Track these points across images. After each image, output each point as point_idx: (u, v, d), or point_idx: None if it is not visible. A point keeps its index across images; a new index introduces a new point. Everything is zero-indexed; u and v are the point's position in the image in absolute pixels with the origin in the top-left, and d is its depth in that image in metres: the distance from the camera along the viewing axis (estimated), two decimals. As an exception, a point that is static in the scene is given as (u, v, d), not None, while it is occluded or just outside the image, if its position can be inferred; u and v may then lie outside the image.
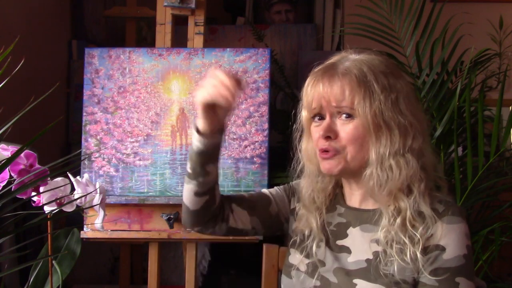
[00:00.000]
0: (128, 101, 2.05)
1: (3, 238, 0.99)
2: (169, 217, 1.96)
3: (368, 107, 1.14)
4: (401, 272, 1.12)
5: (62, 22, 2.80)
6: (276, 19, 2.90)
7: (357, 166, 1.18)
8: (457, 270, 1.11)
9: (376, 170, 1.16)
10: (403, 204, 1.15)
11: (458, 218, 1.14)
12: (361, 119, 1.15)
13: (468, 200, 1.95)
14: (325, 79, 1.17)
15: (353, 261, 1.18)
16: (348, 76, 1.16)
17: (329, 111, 1.18)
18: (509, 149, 2.13)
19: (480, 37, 2.55)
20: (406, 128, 1.17)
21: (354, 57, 1.21)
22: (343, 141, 1.17)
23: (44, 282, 1.40)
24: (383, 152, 1.15)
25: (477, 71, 2.09)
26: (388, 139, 1.16)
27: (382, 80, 1.17)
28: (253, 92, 2.03)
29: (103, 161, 2.02)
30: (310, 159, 1.26)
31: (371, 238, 1.18)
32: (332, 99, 1.16)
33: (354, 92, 1.15)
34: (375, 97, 1.15)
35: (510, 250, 2.20)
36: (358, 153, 1.17)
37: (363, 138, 1.16)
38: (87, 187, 1.29)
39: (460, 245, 1.12)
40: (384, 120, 1.15)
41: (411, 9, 2.12)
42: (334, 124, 1.17)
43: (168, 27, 2.13)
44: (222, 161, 2.00)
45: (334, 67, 1.19)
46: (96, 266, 2.60)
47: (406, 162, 1.15)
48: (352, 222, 1.23)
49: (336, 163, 1.18)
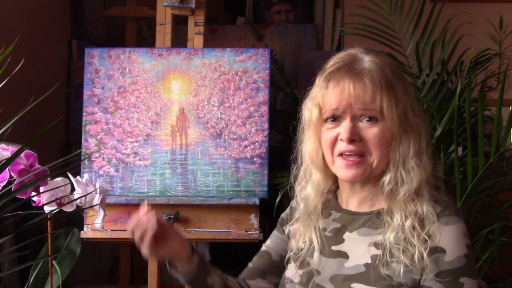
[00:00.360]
0: (128, 101, 2.05)
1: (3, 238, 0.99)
2: (169, 217, 1.96)
3: (395, 110, 1.13)
4: (406, 273, 1.10)
5: (62, 22, 2.80)
6: (276, 19, 2.90)
7: (379, 171, 1.17)
8: (460, 270, 1.10)
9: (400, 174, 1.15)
10: (412, 206, 1.14)
11: (455, 218, 1.13)
12: (387, 123, 1.13)
13: (468, 200, 1.95)
14: (353, 77, 1.13)
15: (351, 266, 1.16)
16: (377, 78, 1.13)
17: (352, 113, 1.14)
18: (509, 149, 2.12)
19: (480, 37, 2.55)
20: (421, 130, 1.17)
21: (368, 58, 1.18)
22: (369, 145, 1.14)
23: (44, 282, 1.40)
24: (405, 154, 1.15)
25: (477, 71, 2.09)
26: (410, 140, 1.15)
27: (403, 84, 1.17)
28: (253, 92, 2.03)
29: (103, 161, 2.02)
30: (315, 161, 1.22)
31: (369, 242, 1.16)
32: (359, 101, 1.13)
33: (383, 95, 1.13)
34: (400, 101, 1.14)
35: (510, 250, 2.20)
36: (383, 158, 1.15)
37: (388, 142, 1.15)
38: (87, 187, 1.29)
39: (460, 245, 1.12)
40: (408, 123, 1.15)
41: (411, 9, 2.12)
42: (357, 128, 1.14)
43: (168, 27, 2.13)
44: (222, 161, 2.00)
45: (355, 68, 1.15)
46: (96, 266, 2.60)
47: (424, 164, 1.16)
48: (348, 227, 1.20)
49: (362, 170, 1.15)
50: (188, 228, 1.98)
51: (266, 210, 2.14)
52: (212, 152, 2.01)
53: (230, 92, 2.03)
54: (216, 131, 2.02)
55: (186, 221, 1.98)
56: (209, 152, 2.01)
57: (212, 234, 1.98)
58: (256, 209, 1.97)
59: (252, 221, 1.97)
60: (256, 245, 1.93)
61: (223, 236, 1.97)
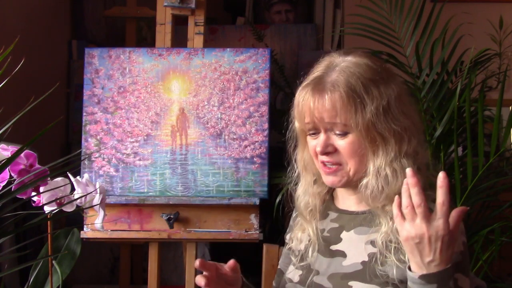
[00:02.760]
0: (128, 101, 2.05)
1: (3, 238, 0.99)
2: (169, 217, 1.96)
3: (360, 121, 1.14)
4: (399, 271, 1.12)
5: (62, 22, 2.80)
6: (276, 19, 2.90)
7: (359, 177, 1.19)
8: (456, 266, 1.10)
9: (372, 181, 1.16)
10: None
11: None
12: (356, 134, 1.15)
13: (468, 200, 1.95)
14: (315, 95, 1.16)
15: (348, 265, 1.18)
16: (338, 92, 1.14)
17: (323, 126, 1.17)
18: (509, 149, 2.13)
19: (480, 37, 2.55)
20: (401, 134, 1.16)
21: (342, 64, 1.18)
22: (343, 156, 1.17)
23: (44, 282, 1.40)
24: (379, 163, 1.16)
25: (477, 71, 2.09)
26: (383, 149, 1.16)
27: (372, 89, 1.15)
28: (253, 92, 2.03)
29: (103, 161, 2.02)
30: (306, 168, 1.27)
31: (366, 240, 1.17)
32: (324, 116, 1.15)
33: (345, 108, 1.14)
34: (366, 109, 1.14)
35: (510, 250, 2.20)
36: (359, 166, 1.17)
37: (361, 151, 1.16)
38: (87, 187, 1.29)
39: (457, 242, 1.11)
40: (377, 132, 1.15)
41: (411, 9, 2.12)
42: (330, 139, 1.18)
43: (168, 27, 2.13)
44: (222, 161, 2.00)
45: (323, 81, 1.17)
46: (96, 266, 2.60)
47: (402, 168, 1.15)
48: (345, 226, 1.22)
49: (339, 178, 1.19)
50: (188, 228, 1.98)
51: (266, 210, 2.14)
52: (212, 152, 2.01)
53: (230, 92, 2.03)
54: (216, 131, 2.02)
55: (186, 221, 1.98)
56: (209, 152, 2.01)
57: (212, 234, 1.98)
58: (256, 209, 1.97)
59: (252, 221, 1.97)
60: (256, 245, 1.93)
61: (223, 236, 1.97)
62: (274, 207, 2.07)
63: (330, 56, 1.22)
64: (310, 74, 1.22)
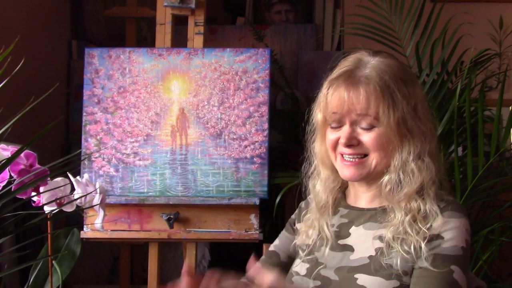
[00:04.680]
0: (128, 101, 2.05)
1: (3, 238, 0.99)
2: (169, 217, 1.96)
3: (392, 116, 1.16)
4: (403, 262, 1.13)
5: (62, 22, 2.80)
6: (276, 19, 2.90)
7: (379, 172, 1.20)
8: (454, 258, 1.13)
9: (398, 176, 1.18)
10: (414, 204, 1.17)
11: (459, 213, 1.17)
12: (385, 128, 1.17)
13: (468, 200, 1.95)
14: (349, 86, 1.17)
15: (356, 258, 1.19)
16: (372, 85, 1.16)
17: (350, 118, 1.18)
18: (509, 149, 2.12)
19: (480, 37, 2.55)
20: (425, 133, 1.19)
21: (372, 62, 1.21)
22: (367, 147, 1.19)
23: (44, 282, 1.40)
24: (405, 158, 1.18)
25: (477, 71, 2.09)
26: (410, 145, 1.18)
27: (403, 88, 1.18)
28: (253, 92, 2.03)
29: (103, 161, 2.02)
30: (323, 161, 1.28)
31: (374, 235, 1.19)
32: (357, 107, 1.16)
33: (379, 101, 1.16)
34: (397, 105, 1.16)
35: (510, 250, 2.20)
36: (382, 160, 1.19)
37: (386, 145, 1.18)
38: (87, 187, 1.29)
39: (460, 237, 1.14)
40: (407, 128, 1.17)
41: (411, 9, 2.12)
42: (355, 132, 1.19)
43: (168, 27, 2.13)
44: (222, 161, 2.00)
45: (355, 74, 1.19)
46: (96, 266, 2.60)
47: (426, 166, 1.18)
48: (355, 221, 1.24)
49: (360, 171, 1.20)
50: (188, 228, 1.98)
51: (266, 210, 2.14)
52: (212, 152, 2.01)
53: (230, 92, 2.03)
54: (216, 131, 2.02)
55: (186, 221, 1.98)
56: (209, 152, 2.01)
57: (212, 234, 1.98)
58: (256, 209, 1.97)
59: (252, 221, 1.97)
60: (256, 245, 1.93)
61: (223, 236, 1.97)
62: (274, 207, 2.07)
63: (358, 54, 1.24)
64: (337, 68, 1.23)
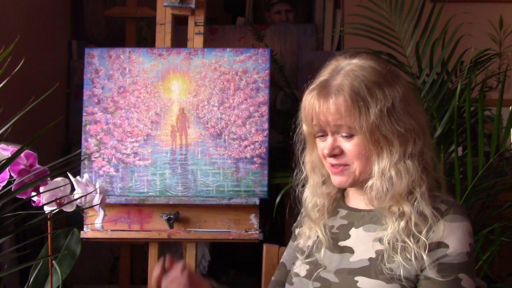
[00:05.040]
0: (128, 101, 2.05)
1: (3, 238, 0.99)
2: (169, 217, 1.96)
3: (364, 124, 1.15)
4: (405, 270, 1.13)
5: (62, 22, 2.80)
6: (276, 19, 2.90)
7: (365, 178, 1.20)
8: (460, 266, 1.13)
9: (376, 182, 1.18)
10: (406, 208, 1.16)
11: (461, 216, 1.16)
12: (361, 136, 1.17)
13: (468, 200, 1.95)
14: (320, 99, 1.18)
15: (356, 260, 1.19)
16: (342, 96, 1.16)
17: (329, 129, 1.19)
18: (509, 149, 2.12)
19: (480, 37, 2.55)
20: (405, 136, 1.17)
21: (347, 67, 1.20)
22: (349, 157, 1.19)
23: (44, 282, 1.40)
24: (384, 165, 1.17)
25: (477, 71, 2.09)
26: (388, 151, 1.17)
27: (376, 91, 1.17)
28: (253, 92, 2.03)
29: (103, 161, 2.02)
30: (314, 169, 1.29)
31: (374, 237, 1.19)
32: (330, 119, 1.18)
33: (349, 111, 1.16)
34: (370, 112, 1.15)
35: (510, 250, 2.20)
36: (365, 167, 1.19)
37: (366, 153, 1.18)
38: (87, 187, 1.29)
39: (463, 242, 1.14)
40: (381, 134, 1.16)
41: (411, 9, 2.12)
42: (337, 142, 1.20)
43: (168, 27, 2.13)
44: (222, 161, 2.00)
45: (328, 85, 1.19)
46: (96, 266, 2.60)
47: (406, 170, 1.17)
48: (354, 223, 1.24)
49: (346, 178, 1.21)
50: (188, 228, 1.98)
51: (266, 210, 2.14)
52: (212, 152, 2.01)
53: (230, 92, 2.03)
54: (216, 131, 2.02)
55: (186, 221, 1.98)
56: (209, 152, 2.01)
57: (212, 234, 1.98)
58: (256, 209, 1.97)
59: (252, 221, 1.97)
60: (256, 245, 1.93)
61: (223, 236, 1.97)
62: (274, 207, 2.07)
63: (336, 60, 1.24)
64: (317, 78, 1.24)
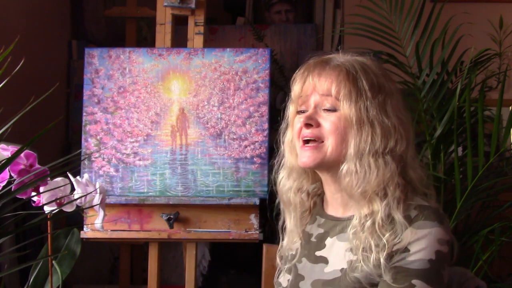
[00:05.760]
0: (128, 101, 2.05)
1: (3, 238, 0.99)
2: (169, 217, 1.96)
3: (353, 101, 1.15)
4: (367, 277, 1.11)
5: (62, 22, 2.80)
6: (276, 19, 2.90)
7: (335, 160, 1.16)
8: (417, 272, 1.08)
9: (354, 166, 1.14)
10: (376, 207, 1.13)
11: (432, 222, 1.10)
12: (345, 112, 1.15)
13: (468, 200, 1.95)
14: (315, 70, 1.19)
15: (329, 271, 1.17)
16: (338, 69, 1.17)
17: (314, 100, 1.18)
18: (509, 149, 2.13)
19: (480, 37, 2.55)
20: (389, 130, 1.16)
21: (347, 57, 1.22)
22: (325, 131, 1.17)
23: (44, 282, 1.40)
24: (363, 148, 1.14)
25: (477, 71, 2.09)
26: (369, 136, 1.15)
27: (372, 79, 1.17)
28: (253, 92, 2.03)
29: (103, 161, 2.02)
30: (290, 151, 1.26)
31: (346, 247, 1.16)
32: (318, 89, 1.17)
33: (341, 84, 1.16)
34: (362, 93, 1.15)
35: (510, 250, 2.20)
36: (338, 146, 1.16)
37: (344, 130, 1.15)
38: (87, 187, 1.29)
39: (428, 249, 1.09)
40: (367, 117, 1.15)
41: (411, 9, 2.12)
42: (317, 115, 1.18)
43: (168, 27, 2.13)
44: (222, 161, 2.00)
45: (326, 60, 1.21)
46: (96, 266, 2.60)
47: (384, 163, 1.14)
48: (329, 232, 1.22)
49: (314, 155, 1.17)
50: (188, 228, 1.98)
51: (266, 210, 2.14)
52: (212, 152, 2.01)
53: (230, 92, 2.03)
54: (216, 131, 2.02)
55: (186, 221, 1.98)
56: (209, 152, 2.01)
57: (212, 234, 1.98)
58: (256, 209, 1.97)
59: (252, 221, 1.97)
60: (256, 245, 1.93)
61: (223, 236, 1.97)
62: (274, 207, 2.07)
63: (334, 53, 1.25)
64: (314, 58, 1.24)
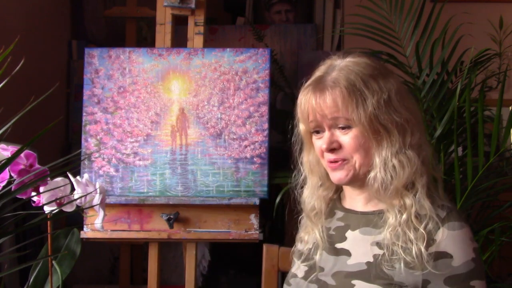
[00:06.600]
0: (128, 101, 2.05)
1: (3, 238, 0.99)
2: (169, 217, 1.96)
3: (362, 114, 1.16)
4: (406, 270, 1.13)
5: (62, 22, 2.79)
6: (276, 19, 2.90)
7: (365, 171, 1.20)
8: (469, 274, 1.13)
9: (380, 173, 1.17)
10: (408, 200, 1.17)
11: (460, 223, 1.16)
12: (359, 128, 1.17)
13: (468, 200, 1.95)
14: (316, 93, 1.19)
15: (353, 264, 1.19)
16: (338, 88, 1.17)
17: (327, 124, 1.19)
18: (509, 149, 2.12)
19: (480, 37, 2.55)
20: (404, 126, 1.18)
21: (340, 64, 1.22)
22: (348, 151, 1.19)
23: (44, 282, 1.40)
24: (385, 154, 1.17)
25: (477, 71, 2.09)
26: (388, 141, 1.18)
27: (372, 84, 1.18)
28: (253, 92, 2.03)
29: (103, 161, 2.02)
30: (312, 170, 1.29)
31: (371, 241, 1.19)
32: (327, 113, 1.18)
33: (346, 102, 1.16)
34: (367, 103, 1.16)
35: (510, 250, 2.20)
36: (364, 159, 1.19)
37: (366, 144, 1.18)
38: (87, 187, 1.29)
39: (467, 250, 1.14)
40: (380, 124, 1.17)
41: (411, 9, 2.12)
42: (334, 136, 1.20)
43: (168, 27, 2.13)
44: (222, 161, 2.00)
45: (323, 80, 1.20)
46: (96, 266, 2.60)
47: (408, 160, 1.17)
48: (351, 225, 1.24)
49: (346, 172, 1.20)
50: (188, 228, 1.98)
51: (266, 210, 2.14)
52: (212, 152, 2.01)
53: (230, 92, 2.03)
54: (216, 131, 2.02)
55: (186, 221, 1.98)
56: (209, 152, 2.01)
57: (212, 234, 1.98)
58: (256, 209, 1.97)
59: (252, 221, 1.97)
60: (256, 245, 1.93)
61: (223, 236, 1.97)
62: (274, 207, 2.07)
63: (330, 59, 1.26)
64: (311, 76, 1.25)
